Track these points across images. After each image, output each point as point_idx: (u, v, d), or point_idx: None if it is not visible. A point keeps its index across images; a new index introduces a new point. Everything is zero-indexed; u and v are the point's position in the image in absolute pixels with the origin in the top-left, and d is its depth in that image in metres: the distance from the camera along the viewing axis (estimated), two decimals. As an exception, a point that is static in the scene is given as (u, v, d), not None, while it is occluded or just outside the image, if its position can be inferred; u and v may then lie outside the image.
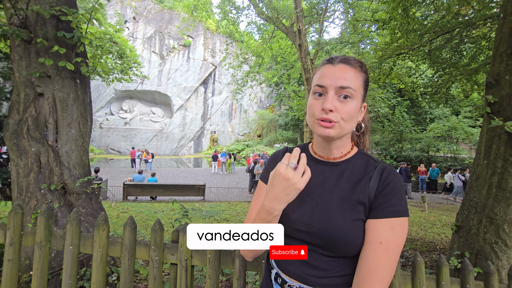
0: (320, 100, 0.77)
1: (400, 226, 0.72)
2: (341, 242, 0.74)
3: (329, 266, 0.77)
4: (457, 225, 2.63)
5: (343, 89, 0.74)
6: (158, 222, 1.31)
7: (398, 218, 0.72)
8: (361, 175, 0.80)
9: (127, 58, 14.61)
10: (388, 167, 0.79)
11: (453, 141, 16.76)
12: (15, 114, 2.55)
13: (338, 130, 0.76)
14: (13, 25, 2.47)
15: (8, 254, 1.25)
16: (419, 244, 5.01)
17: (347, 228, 0.74)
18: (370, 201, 0.76)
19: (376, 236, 0.72)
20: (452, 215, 8.17)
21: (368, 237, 0.73)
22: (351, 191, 0.78)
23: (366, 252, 0.72)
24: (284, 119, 29.79)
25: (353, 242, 0.74)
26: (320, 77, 0.78)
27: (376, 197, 0.75)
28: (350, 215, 0.75)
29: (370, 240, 0.73)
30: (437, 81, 8.32)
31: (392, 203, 0.73)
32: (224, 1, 17.07)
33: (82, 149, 2.82)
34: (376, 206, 0.74)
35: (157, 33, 29.25)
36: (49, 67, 2.57)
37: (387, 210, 0.73)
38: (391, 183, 0.75)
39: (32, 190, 2.50)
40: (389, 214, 0.72)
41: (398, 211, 0.73)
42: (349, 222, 0.74)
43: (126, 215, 6.46)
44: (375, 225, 0.73)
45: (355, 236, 0.74)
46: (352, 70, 0.77)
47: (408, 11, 5.77)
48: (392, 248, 0.71)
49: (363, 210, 0.76)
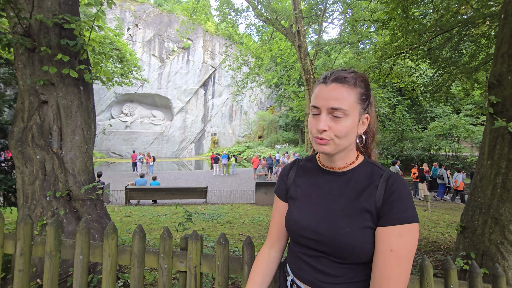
0: (317, 119, 0.81)
1: (410, 232, 0.73)
2: (349, 249, 0.76)
3: (340, 272, 0.79)
4: (462, 225, 2.63)
5: (335, 110, 0.77)
6: (166, 230, 1.32)
7: (406, 224, 0.73)
8: (366, 184, 0.82)
9: (127, 62, 14.68)
10: (393, 175, 0.81)
11: (455, 139, 16.74)
12: (20, 122, 2.57)
13: (333, 147, 0.80)
14: (16, 34, 2.49)
15: (18, 265, 1.26)
16: (423, 244, 5.00)
17: (354, 235, 0.76)
18: (377, 209, 0.77)
19: (386, 243, 0.73)
20: (456, 214, 8.16)
21: (379, 245, 0.75)
22: (356, 199, 0.80)
23: (378, 260, 0.74)
24: (284, 120, 29.80)
25: (361, 249, 0.75)
26: (315, 98, 0.82)
27: (383, 205, 0.76)
28: (357, 223, 0.77)
29: (380, 248, 0.74)
30: (437, 80, 8.32)
31: (399, 209, 0.74)
32: (223, 3, 17.14)
33: (86, 156, 2.84)
34: (384, 214, 0.76)
35: (156, 36, 29.33)
36: (53, 75, 2.58)
37: (395, 217, 0.74)
38: (397, 190, 0.77)
39: (38, 198, 2.51)
40: (397, 221, 0.73)
41: (406, 218, 0.73)
42: (356, 230, 0.76)
43: (129, 219, 6.46)
44: (384, 233, 0.74)
45: (363, 243, 0.75)
46: (345, 88, 0.78)
47: (407, 11, 5.79)
48: (403, 255, 0.72)
49: (370, 218, 0.77)
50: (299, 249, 0.87)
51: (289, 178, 0.97)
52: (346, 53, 20.34)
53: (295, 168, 0.98)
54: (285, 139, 29.37)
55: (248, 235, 1.28)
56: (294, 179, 0.95)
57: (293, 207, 0.91)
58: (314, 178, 0.91)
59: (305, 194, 0.89)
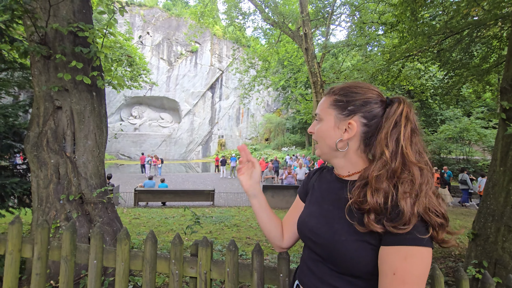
0: None
1: (415, 256, 0.65)
2: (341, 258, 0.74)
3: (338, 283, 0.77)
4: (474, 233, 2.59)
5: (315, 116, 0.90)
6: (177, 236, 1.34)
7: (412, 246, 0.65)
8: None
9: (136, 66, 14.91)
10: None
11: (465, 142, 16.39)
12: (35, 127, 2.65)
13: (318, 150, 0.90)
14: (33, 42, 2.57)
15: (36, 268, 1.30)
16: (433, 251, 4.91)
17: (348, 245, 0.73)
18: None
19: (388, 265, 0.67)
20: (467, 220, 7.98)
21: (381, 265, 0.69)
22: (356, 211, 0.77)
23: (382, 283, 0.69)
24: (291, 123, 29.74)
25: (354, 262, 0.72)
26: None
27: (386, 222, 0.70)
28: (354, 234, 0.74)
29: (383, 269, 0.69)
30: (447, 82, 8.19)
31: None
32: (230, 7, 17.29)
33: (98, 160, 2.90)
34: (386, 232, 0.69)
35: (165, 40, 29.75)
36: (67, 81, 2.66)
37: (397, 237, 0.66)
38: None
39: (52, 201, 2.58)
40: (399, 241, 0.66)
41: (411, 239, 0.65)
42: (352, 241, 0.73)
43: (138, 221, 6.55)
44: (387, 253, 0.68)
45: (356, 256, 0.72)
46: (325, 97, 0.89)
47: (416, 14, 5.73)
48: (410, 281, 0.64)
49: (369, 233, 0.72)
50: (305, 252, 0.91)
51: (311, 181, 1.01)
52: (354, 56, 20.21)
53: (318, 173, 1.02)
54: (292, 141, 29.29)
55: (257, 242, 1.30)
56: (314, 183, 0.99)
57: (306, 208, 0.94)
58: (328, 184, 0.93)
59: (318, 199, 0.92)
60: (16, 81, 5.80)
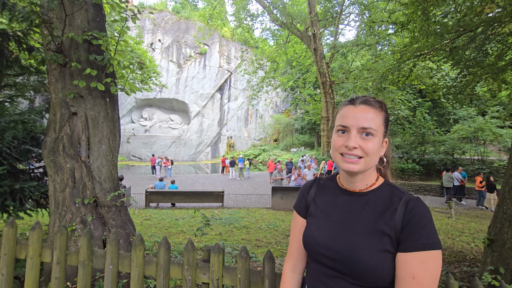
0: (343, 137, 0.84)
1: (432, 260, 0.72)
2: (365, 271, 0.76)
3: None
4: (490, 238, 2.52)
5: (365, 129, 0.82)
6: (190, 242, 1.37)
7: (428, 251, 0.72)
8: (386, 206, 0.82)
9: (147, 69, 15.18)
10: (413, 199, 0.80)
11: (480, 142, 15.94)
12: (52, 132, 2.74)
13: (362, 165, 0.82)
14: (50, 51, 2.66)
15: (55, 273, 1.35)
16: (447, 254, 4.81)
17: (371, 258, 0.76)
18: (397, 234, 0.77)
19: (407, 270, 0.72)
20: (482, 222, 7.77)
21: (400, 271, 0.74)
22: (375, 222, 0.80)
23: (400, 287, 0.73)
24: (300, 123, 29.61)
25: (378, 272, 0.75)
26: (343, 118, 0.85)
27: (403, 230, 0.76)
28: (375, 246, 0.77)
29: (402, 275, 0.73)
30: (460, 81, 7.99)
31: (420, 236, 0.73)
32: (238, 9, 17.37)
33: (112, 164, 2.98)
34: (404, 240, 0.75)
35: (174, 42, 30.13)
36: (82, 88, 2.74)
37: (416, 244, 0.73)
38: (417, 215, 0.76)
39: (68, 204, 2.66)
40: (418, 247, 0.73)
41: (428, 244, 0.72)
42: (374, 253, 0.76)
43: (149, 222, 6.66)
44: (405, 259, 0.74)
45: (380, 266, 0.75)
46: (373, 110, 0.84)
47: (428, 13, 5.62)
48: (427, 283, 0.71)
49: (390, 242, 0.77)
50: (317, 267, 0.88)
51: (309, 195, 0.98)
52: (364, 55, 19.97)
53: (315, 186, 1.00)
54: (301, 142, 29.15)
55: (268, 249, 1.31)
56: (314, 196, 0.97)
57: (311, 223, 0.92)
58: (334, 197, 0.92)
59: (324, 213, 0.91)
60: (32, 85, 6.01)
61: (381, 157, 0.90)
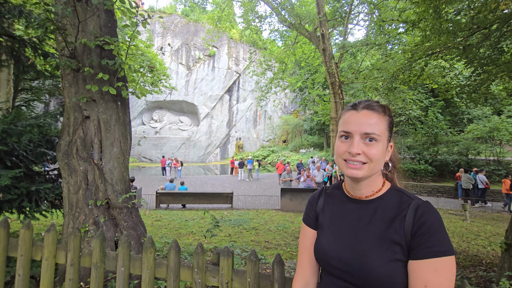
0: (347, 143, 0.82)
1: (445, 267, 0.69)
2: (377, 281, 0.74)
3: None
4: (507, 243, 2.44)
5: (368, 134, 0.80)
6: (200, 245, 1.38)
7: (441, 258, 0.70)
8: (395, 213, 0.80)
9: (157, 71, 15.41)
10: (423, 204, 0.78)
11: (496, 143, 15.45)
12: (66, 136, 2.81)
13: (366, 171, 0.80)
14: (64, 56, 2.74)
15: (69, 274, 1.39)
16: (462, 258, 4.67)
17: (383, 268, 0.74)
18: (407, 241, 0.75)
19: (419, 279, 0.70)
20: (499, 225, 7.52)
21: (412, 280, 0.72)
22: (385, 231, 0.78)
23: None
24: (309, 124, 29.43)
25: (391, 283, 0.73)
26: (346, 123, 0.84)
27: (413, 238, 0.74)
28: (386, 255, 0.75)
29: (414, 284, 0.71)
30: (474, 80, 7.77)
31: (431, 243, 0.71)
32: (247, 11, 17.44)
33: (123, 166, 3.03)
34: (415, 247, 0.73)
35: (183, 45, 30.50)
36: (94, 92, 2.80)
37: (427, 251, 0.71)
38: (427, 221, 0.73)
39: (81, 206, 2.72)
40: (430, 255, 0.70)
41: (439, 252, 0.70)
42: (385, 263, 0.74)
43: (160, 223, 6.74)
44: (417, 267, 0.72)
45: (392, 276, 0.73)
46: (376, 115, 0.82)
47: (440, 11, 5.50)
48: None
49: (400, 250, 0.75)
50: (329, 279, 0.86)
51: (318, 205, 0.97)
52: (373, 55, 19.69)
53: (323, 196, 0.98)
54: (310, 143, 28.96)
55: (278, 253, 1.31)
56: (323, 206, 0.95)
57: (321, 235, 0.90)
58: (342, 206, 0.90)
59: (333, 223, 0.89)
60: (47, 89, 6.20)
61: (386, 162, 0.89)
